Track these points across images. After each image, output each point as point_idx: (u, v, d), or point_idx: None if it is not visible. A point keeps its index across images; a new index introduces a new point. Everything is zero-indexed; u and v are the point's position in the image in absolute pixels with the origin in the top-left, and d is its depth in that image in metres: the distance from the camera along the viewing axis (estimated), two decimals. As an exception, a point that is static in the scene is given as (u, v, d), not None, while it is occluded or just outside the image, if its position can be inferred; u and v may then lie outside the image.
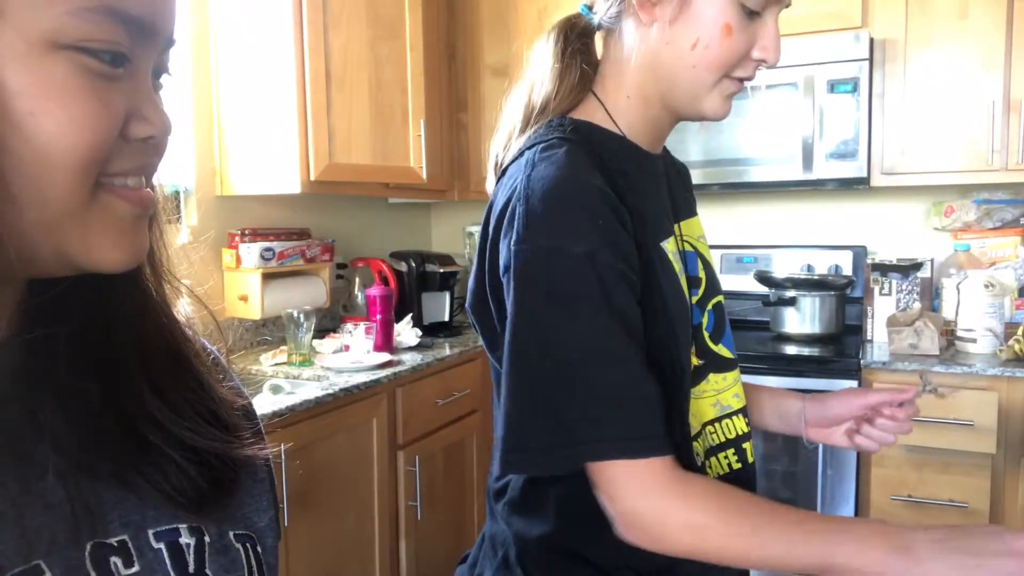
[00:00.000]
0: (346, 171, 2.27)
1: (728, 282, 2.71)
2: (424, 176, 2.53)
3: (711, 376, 0.84)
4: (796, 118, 2.34)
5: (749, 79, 0.77)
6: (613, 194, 0.71)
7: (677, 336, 0.76)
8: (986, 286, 2.16)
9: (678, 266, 0.79)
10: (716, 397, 0.85)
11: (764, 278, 2.53)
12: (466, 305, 0.81)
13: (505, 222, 0.71)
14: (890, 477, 2.11)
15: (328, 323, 2.63)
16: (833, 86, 2.29)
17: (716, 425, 0.85)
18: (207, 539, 0.44)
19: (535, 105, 0.81)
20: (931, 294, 2.43)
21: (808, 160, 2.35)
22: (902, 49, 2.30)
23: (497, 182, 0.80)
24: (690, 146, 2.47)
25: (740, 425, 0.87)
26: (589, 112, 0.80)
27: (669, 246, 0.79)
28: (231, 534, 0.47)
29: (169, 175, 2.22)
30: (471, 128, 2.86)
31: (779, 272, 2.59)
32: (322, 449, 1.83)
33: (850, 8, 2.33)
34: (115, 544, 0.40)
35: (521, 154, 0.76)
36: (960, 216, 2.46)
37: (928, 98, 2.29)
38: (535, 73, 0.82)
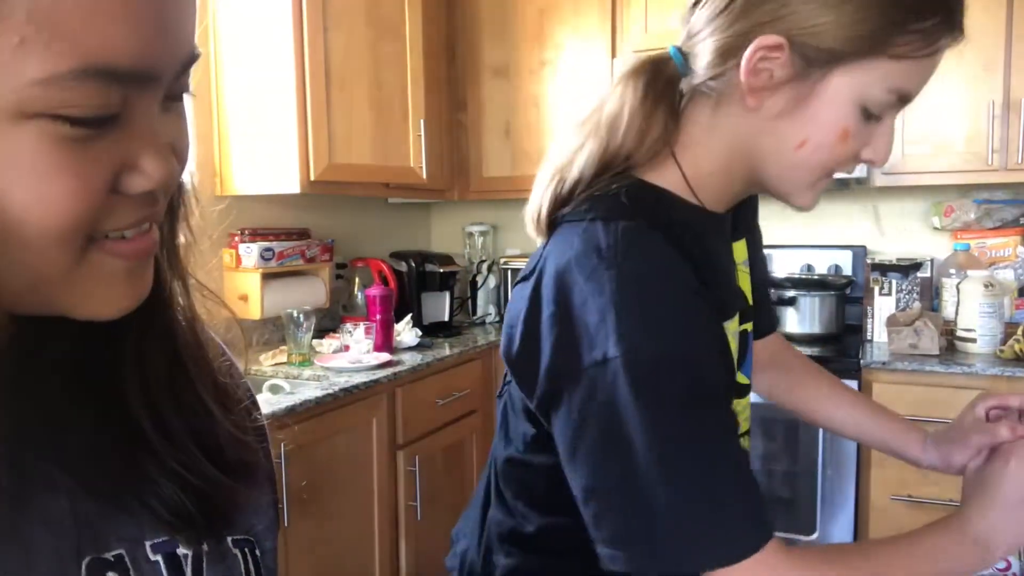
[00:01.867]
0: (346, 171, 2.27)
1: (728, 282, 2.71)
2: (424, 176, 2.53)
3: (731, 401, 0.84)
4: (796, 118, 2.34)
5: (848, 171, 0.71)
6: (697, 288, 0.66)
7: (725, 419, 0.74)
8: (986, 286, 2.16)
9: (734, 345, 0.76)
10: None
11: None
12: (502, 353, 0.75)
13: (589, 318, 0.64)
14: (890, 477, 2.11)
15: (328, 323, 2.63)
16: (833, 86, 2.29)
17: None
18: (205, 547, 0.44)
19: (609, 158, 0.72)
20: (931, 294, 2.43)
21: (808, 160, 2.34)
22: (902, 49, 2.29)
23: (548, 235, 0.73)
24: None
25: (744, 446, 0.87)
26: (663, 176, 0.73)
27: (731, 327, 0.76)
28: (229, 540, 0.46)
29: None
30: (471, 128, 2.86)
31: (779, 272, 2.59)
32: (322, 449, 1.83)
33: (850, 8, 2.33)
34: (111, 559, 0.40)
35: (582, 217, 0.69)
36: (960, 216, 2.46)
37: (928, 98, 2.28)
38: (616, 116, 0.72)
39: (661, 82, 0.72)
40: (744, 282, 0.86)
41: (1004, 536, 0.67)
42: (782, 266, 2.67)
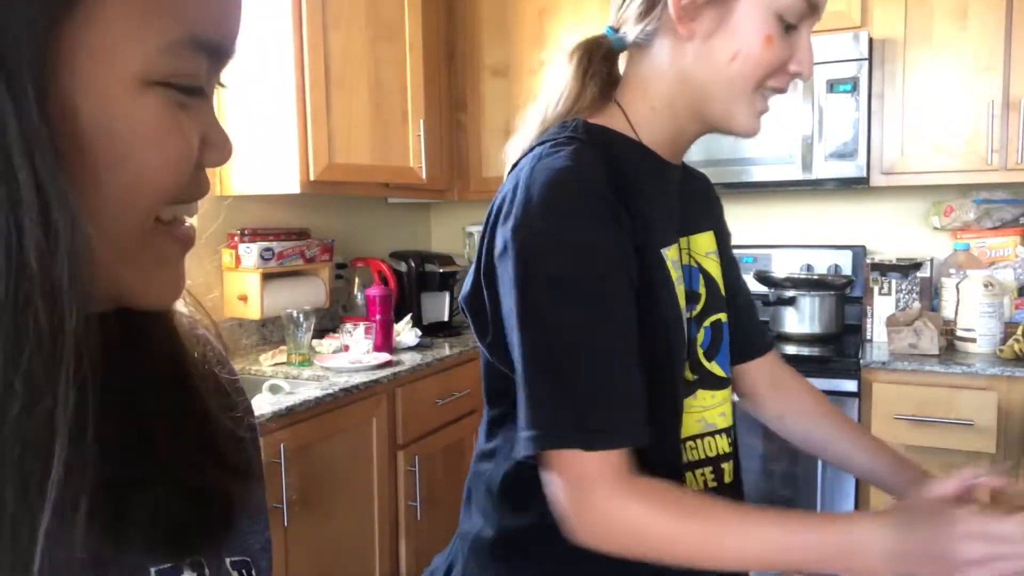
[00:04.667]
0: (346, 171, 2.27)
1: (728, 282, 2.71)
2: (424, 176, 2.53)
3: (700, 392, 0.84)
4: (796, 118, 2.34)
5: (782, 90, 0.77)
6: (614, 196, 0.71)
7: (670, 342, 0.76)
8: (986, 286, 2.16)
9: (676, 274, 0.79)
10: (702, 414, 0.84)
11: (764, 278, 2.53)
12: (460, 297, 0.82)
13: (504, 209, 0.72)
14: (890, 477, 2.11)
15: (328, 323, 2.63)
16: (832, 86, 2.29)
17: (697, 441, 0.84)
18: (207, 572, 0.44)
19: (549, 121, 0.81)
20: (931, 294, 2.43)
21: (808, 160, 2.35)
22: (901, 49, 2.30)
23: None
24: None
25: (722, 445, 0.86)
26: (608, 119, 0.80)
27: (670, 254, 0.79)
28: (228, 562, 0.46)
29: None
30: (471, 128, 2.86)
31: (779, 272, 2.59)
32: (322, 449, 1.83)
33: (850, 8, 2.33)
34: None
35: (531, 150, 0.77)
36: (960, 216, 2.46)
37: (928, 98, 2.29)
38: (552, 92, 0.82)
39: (598, 57, 0.81)
40: (715, 271, 0.89)
41: (912, 559, 0.64)
42: (782, 266, 2.67)
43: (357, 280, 2.66)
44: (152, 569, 0.41)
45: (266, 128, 2.18)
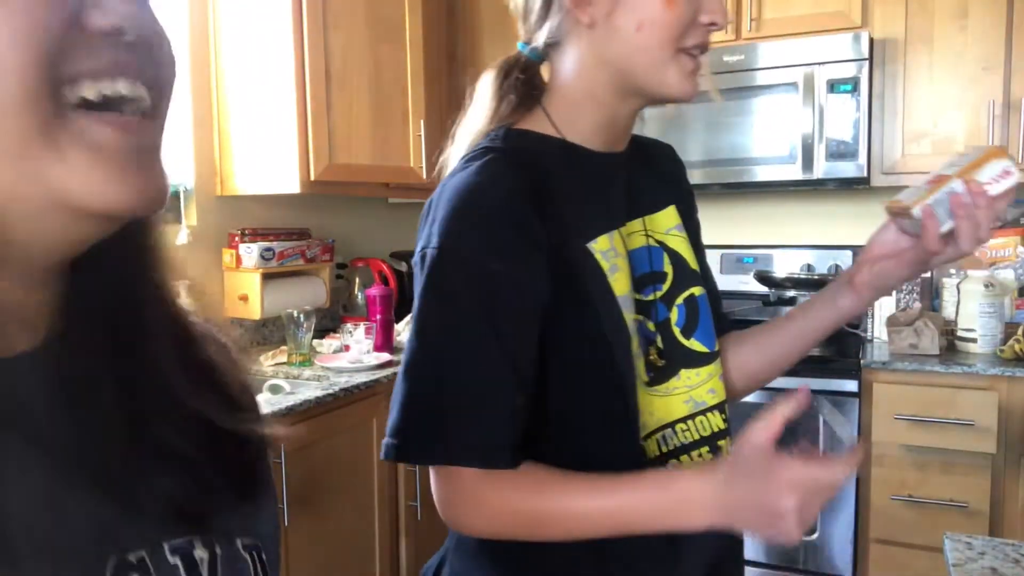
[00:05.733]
0: (346, 171, 2.27)
1: (728, 282, 2.71)
2: (424, 176, 2.53)
3: (682, 372, 0.83)
4: (796, 118, 2.34)
5: (703, 46, 0.77)
6: (524, 204, 0.72)
7: (606, 335, 0.76)
8: (986, 286, 2.16)
9: (607, 265, 0.78)
10: (689, 394, 0.84)
11: (764, 278, 2.53)
12: None
13: (419, 228, 0.77)
14: (890, 477, 2.11)
15: (328, 323, 2.63)
16: (833, 86, 2.29)
17: (689, 423, 0.84)
18: (219, 551, 0.44)
19: (474, 133, 0.83)
20: (931, 294, 2.43)
21: (808, 160, 2.35)
22: (902, 49, 2.30)
23: None
24: (690, 146, 2.47)
25: (716, 422, 0.85)
26: (531, 122, 0.81)
27: (598, 245, 0.78)
28: (239, 543, 0.46)
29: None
30: (471, 128, 2.85)
31: (779, 272, 2.59)
32: (322, 449, 1.83)
33: (850, 8, 2.33)
34: (135, 561, 0.39)
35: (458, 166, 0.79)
36: (960, 216, 2.45)
37: (928, 98, 2.29)
38: (474, 108, 0.84)
39: (516, 69, 0.83)
40: (680, 246, 0.88)
41: (735, 508, 0.67)
42: (782, 266, 2.67)
43: (357, 280, 2.66)
44: (166, 544, 0.41)
45: (267, 128, 2.19)
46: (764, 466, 0.66)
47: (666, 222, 0.88)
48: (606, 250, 0.79)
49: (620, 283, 0.79)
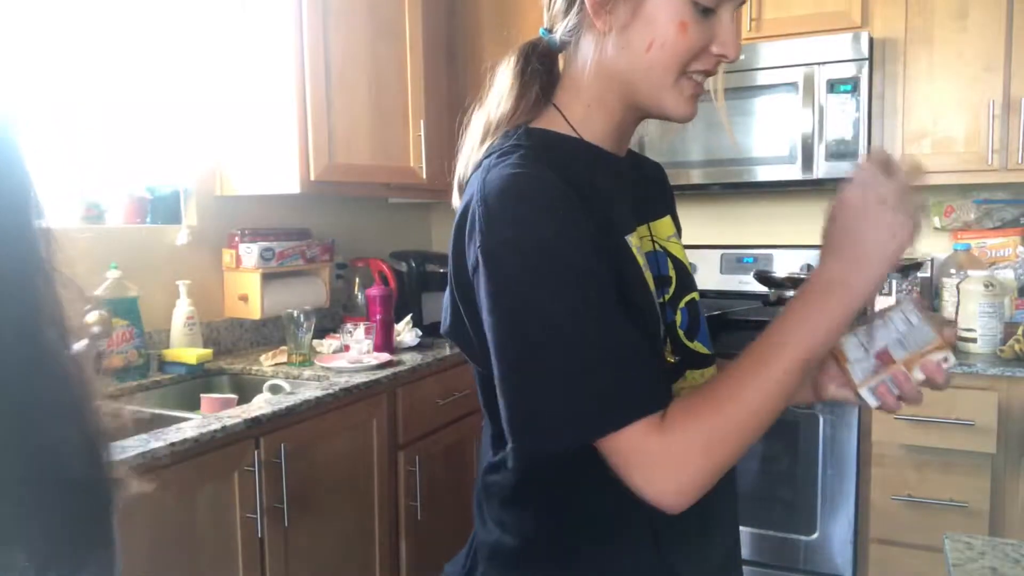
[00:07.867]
0: (346, 171, 2.27)
1: (728, 282, 2.71)
2: (424, 176, 2.53)
3: (688, 373, 0.84)
4: (796, 118, 2.34)
5: (710, 73, 0.78)
6: (570, 189, 0.72)
7: (645, 326, 0.76)
8: (986, 286, 2.16)
9: (642, 260, 0.79)
10: None
11: (764, 278, 2.53)
12: (443, 331, 0.81)
13: (467, 227, 0.72)
14: (890, 477, 2.11)
15: (328, 323, 2.63)
16: (833, 86, 2.29)
17: None
18: None
19: (492, 123, 0.83)
20: (931, 294, 2.43)
21: (808, 160, 2.35)
22: (902, 49, 2.30)
23: (461, 197, 0.81)
24: (690, 146, 2.47)
25: None
26: (548, 122, 0.82)
27: (633, 240, 0.79)
28: None
29: (168, 176, 2.22)
30: (471, 128, 2.85)
31: (779, 272, 2.59)
32: (322, 449, 1.83)
33: (850, 8, 2.33)
34: None
35: (479, 165, 0.78)
36: (960, 216, 2.46)
37: (928, 98, 2.29)
38: (495, 94, 0.84)
39: (535, 56, 0.83)
40: (679, 252, 0.90)
41: (856, 255, 0.69)
42: (782, 266, 2.67)
43: (357, 280, 2.66)
44: None
45: (266, 128, 2.19)
46: (851, 211, 0.72)
47: (666, 230, 0.90)
48: (637, 247, 0.80)
49: (648, 280, 0.80)
